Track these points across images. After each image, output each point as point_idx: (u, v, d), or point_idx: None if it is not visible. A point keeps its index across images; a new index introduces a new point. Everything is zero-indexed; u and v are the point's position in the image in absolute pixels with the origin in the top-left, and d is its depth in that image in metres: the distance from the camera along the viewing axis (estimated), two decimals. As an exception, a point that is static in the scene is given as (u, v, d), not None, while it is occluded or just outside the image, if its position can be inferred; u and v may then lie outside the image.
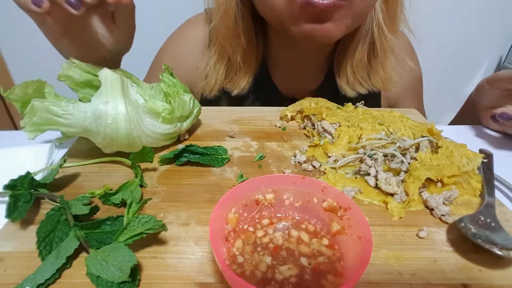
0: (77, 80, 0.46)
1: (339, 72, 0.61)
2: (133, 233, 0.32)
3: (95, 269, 0.30)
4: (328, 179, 0.44)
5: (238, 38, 0.57)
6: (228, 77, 0.63)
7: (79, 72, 0.45)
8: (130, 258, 0.29)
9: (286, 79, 0.67)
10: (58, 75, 0.45)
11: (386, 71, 0.60)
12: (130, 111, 0.43)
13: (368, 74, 0.61)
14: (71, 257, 0.31)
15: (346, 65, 0.60)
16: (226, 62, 0.61)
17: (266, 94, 0.68)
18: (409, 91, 0.71)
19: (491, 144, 0.55)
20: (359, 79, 0.60)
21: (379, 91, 0.66)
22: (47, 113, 0.41)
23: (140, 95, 0.45)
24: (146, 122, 0.45)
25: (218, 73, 0.62)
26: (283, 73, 0.66)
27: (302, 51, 0.62)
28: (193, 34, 0.68)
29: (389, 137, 0.46)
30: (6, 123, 1.73)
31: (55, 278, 0.30)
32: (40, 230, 0.32)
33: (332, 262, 0.30)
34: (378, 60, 0.59)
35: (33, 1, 0.40)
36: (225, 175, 0.45)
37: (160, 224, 0.32)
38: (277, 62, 0.66)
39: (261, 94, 0.67)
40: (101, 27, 0.49)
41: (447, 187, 0.41)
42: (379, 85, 0.61)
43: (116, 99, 0.42)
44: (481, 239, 0.33)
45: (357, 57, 0.58)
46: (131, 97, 0.44)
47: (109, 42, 0.50)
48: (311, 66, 0.65)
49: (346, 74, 0.60)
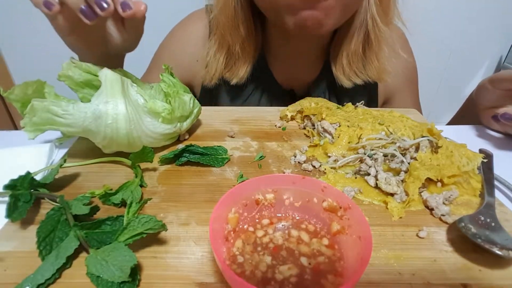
0: (77, 80, 0.45)
1: (335, 63, 0.63)
2: (133, 233, 0.32)
3: (95, 269, 0.30)
4: (328, 179, 0.44)
5: (237, 28, 0.59)
6: (228, 67, 0.64)
7: (79, 72, 0.45)
8: (130, 258, 0.29)
9: (284, 71, 0.69)
10: (58, 75, 0.45)
11: (380, 61, 0.62)
12: (130, 111, 0.43)
13: (364, 65, 0.62)
14: (71, 257, 0.31)
15: (342, 56, 0.61)
16: (225, 51, 0.63)
17: (265, 85, 0.69)
18: (404, 82, 0.73)
19: (491, 144, 0.55)
20: (355, 69, 0.62)
21: (375, 83, 0.68)
22: (47, 113, 0.41)
23: (140, 95, 0.45)
24: (146, 122, 0.45)
25: (218, 62, 0.63)
26: (281, 65, 0.68)
27: (298, 43, 0.63)
28: (194, 28, 0.70)
29: (389, 137, 0.46)
30: (6, 123, 1.73)
31: (55, 278, 0.30)
32: (40, 230, 0.32)
33: (332, 262, 0.30)
34: (373, 51, 0.61)
35: (44, 3, 0.41)
36: (225, 175, 0.45)
37: (160, 224, 0.32)
38: (275, 54, 0.67)
39: (260, 85, 0.69)
40: (110, 29, 0.49)
41: (447, 187, 0.41)
42: (374, 75, 0.63)
43: (116, 99, 0.42)
44: (481, 239, 0.33)
45: (353, 48, 0.60)
46: (131, 97, 0.44)
47: (116, 42, 0.51)
48: (308, 58, 0.67)
49: (342, 65, 0.62)
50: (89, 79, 0.46)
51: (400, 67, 0.68)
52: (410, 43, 0.76)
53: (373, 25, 0.58)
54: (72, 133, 0.44)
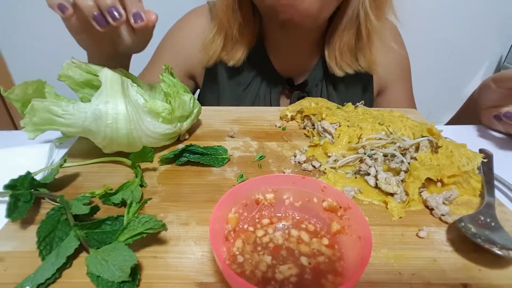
0: (77, 80, 0.45)
1: (329, 53, 0.66)
2: (133, 233, 0.32)
3: (95, 269, 0.30)
4: (328, 179, 0.44)
5: (235, 13, 0.62)
6: (225, 50, 0.67)
7: (79, 72, 0.45)
8: (130, 258, 0.29)
9: (282, 60, 0.71)
10: (59, 75, 0.45)
11: (371, 53, 0.64)
12: (130, 111, 0.43)
13: (355, 56, 0.65)
14: (71, 257, 0.31)
15: (335, 46, 0.64)
16: (224, 34, 0.66)
17: (264, 73, 0.72)
18: (396, 73, 0.75)
19: (491, 144, 0.55)
20: (346, 60, 0.65)
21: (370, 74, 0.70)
22: (47, 113, 0.41)
23: (140, 95, 0.45)
24: (146, 122, 0.45)
25: (216, 44, 0.67)
26: (279, 54, 0.71)
27: (293, 34, 0.66)
28: (197, 22, 0.73)
29: (389, 137, 0.46)
30: (6, 123, 1.73)
31: (55, 277, 0.30)
32: (41, 229, 0.32)
33: (332, 262, 0.30)
34: (364, 43, 0.63)
35: (58, 6, 0.42)
36: (225, 175, 0.45)
37: (160, 224, 0.32)
38: (273, 43, 0.70)
39: (259, 74, 0.72)
40: (120, 31, 0.50)
41: (447, 187, 0.41)
42: (365, 66, 0.66)
43: (116, 99, 0.42)
44: (480, 239, 0.33)
45: (345, 39, 0.62)
46: (131, 97, 0.44)
47: (126, 44, 0.51)
48: (304, 48, 0.69)
49: (335, 55, 0.65)
50: (89, 79, 0.46)
51: (392, 59, 0.71)
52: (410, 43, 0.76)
53: (365, 18, 0.59)
54: (72, 133, 0.44)
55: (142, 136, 0.45)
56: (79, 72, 0.45)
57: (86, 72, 0.46)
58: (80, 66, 0.45)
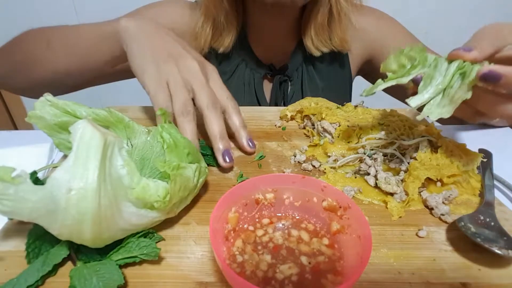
0: (50, 122, 0.36)
1: (305, 34, 0.72)
2: (127, 255, 0.31)
3: (77, 283, 0.28)
4: (328, 179, 0.44)
5: (221, 1, 0.66)
6: (215, 37, 0.71)
7: (53, 112, 0.36)
8: (118, 278, 0.29)
9: (264, 47, 0.76)
10: (28, 116, 0.36)
11: (342, 32, 0.72)
12: (104, 195, 0.29)
13: (329, 36, 0.72)
14: (58, 265, 0.31)
15: (311, 28, 0.71)
16: (211, 22, 0.69)
17: (247, 60, 0.76)
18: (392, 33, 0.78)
19: (491, 144, 0.55)
20: (321, 39, 0.72)
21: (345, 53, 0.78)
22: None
23: (126, 170, 0.32)
24: (126, 213, 0.31)
25: (205, 33, 0.70)
26: (259, 41, 0.75)
27: (274, 18, 0.71)
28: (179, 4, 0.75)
29: (389, 137, 0.46)
30: (6, 123, 1.73)
31: (37, 285, 0.30)
32: (33, 231, 0.32)
33: (332, 261, 0.30)
34: (336, 23, 0.71)
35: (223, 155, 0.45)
36: (225, 174, 0.45)
37: (156, 252, 0.31)
38: (255, 30, 0.74)
39: (243, 61, 0.76)
40: None
41: (447, 187, 0.41)
42: (337, 45, 0.73)
43: (88, 173, 0.29)
44: (480, 238, 0.33)
45: (319, 20, 0.69)
46: (113, 172, 0.31)
47: None
48: (283, 32, 0.74)
49: (311, 36, 0.71)
50: (67, 121, 0.36)
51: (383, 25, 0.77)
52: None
53: (335, 1, 0.68)
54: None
55: (112, 230, 0.31)
56: (54, 112, 0.36)
57: (64, 112, 0.36)
58: (56, 105, 0.36)
